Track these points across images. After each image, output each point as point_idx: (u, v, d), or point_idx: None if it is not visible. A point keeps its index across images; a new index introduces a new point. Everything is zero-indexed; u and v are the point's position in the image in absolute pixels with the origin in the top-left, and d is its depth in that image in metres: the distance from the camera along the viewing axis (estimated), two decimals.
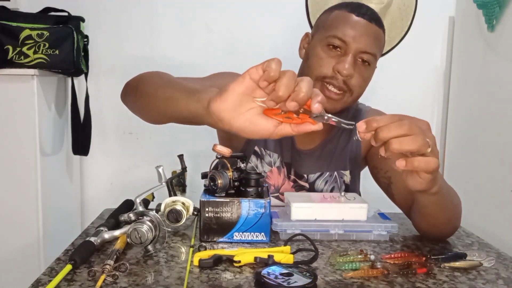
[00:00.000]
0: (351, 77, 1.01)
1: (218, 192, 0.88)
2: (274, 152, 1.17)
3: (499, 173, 1.44)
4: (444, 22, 1.85)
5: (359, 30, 1.01)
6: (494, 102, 1.52)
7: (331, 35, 1.02)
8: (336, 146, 1.17)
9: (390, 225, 0.91)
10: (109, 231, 0.84)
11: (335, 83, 1.02)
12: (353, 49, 1.01)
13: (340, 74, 1.00)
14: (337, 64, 1.01)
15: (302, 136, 1.16)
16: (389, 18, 1.71)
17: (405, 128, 0.66)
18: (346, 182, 1.18)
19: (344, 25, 1.02)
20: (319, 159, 1.17)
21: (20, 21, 1.52)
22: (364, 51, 1.01)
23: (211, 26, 1.84)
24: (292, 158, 1.17)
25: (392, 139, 0.66)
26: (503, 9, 1.45)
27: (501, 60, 1.48)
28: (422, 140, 0.67)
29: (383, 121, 0.66)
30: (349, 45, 1.01)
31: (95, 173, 1.89)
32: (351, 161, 1.18)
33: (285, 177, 1.18)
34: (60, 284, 0.69)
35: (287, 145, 1.17)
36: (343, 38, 1.01)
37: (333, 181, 1.17)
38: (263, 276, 0.69)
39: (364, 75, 1.04)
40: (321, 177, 1.17)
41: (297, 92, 0.60)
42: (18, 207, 1.49)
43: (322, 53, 1.03)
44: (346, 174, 1.18)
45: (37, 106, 1.48)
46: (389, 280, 0.74)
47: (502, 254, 0.88)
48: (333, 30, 1.02)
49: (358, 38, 1.00)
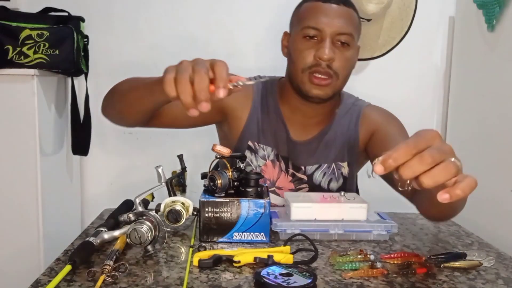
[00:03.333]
0: (333, 60, 1.05)
1: (218, 192, 0.88)
2: (268, 145, 1.18)
3: (499, 173, 1.44)
4: (444, 22, 1.85)
5: (329, 15, 1.06)
6: (494, 102, 1.52)
7: (305, 27, 1.07)
8: (333, 137, 1.18)
9: (390, 225, 0.91)
10: (109, 232, 0.84)
11: (320, 70, 1.05)
12: (328, 34, 1.05)
13: (322, 59, 1.04)
14: (317, 52, 1.05)
15: (296, 128, 1.17)
16: (389, 18, 1.71)
17: (429, 161, 0.56)
18: (344, 174, 1.18)
19: (314, 14, 1.07)
20: (317, 151, 1.17)
21: (20, 21, 1.52)
22: (340, 33, 1.05)
23: (211, 26, 1.84)
24: (289, 150, 1.17)
25: (421, 175, 0.56)
26: (503, 9, 1.44)
27: (501, 60, 1.48)
28: (453, 168, 0.56)
29: (401, 158, 0.56)
30: (324, 31, 1.05)
31: (95, 173, 1.89)
32: (349, 153, 1.18)
33: (281, 170, 1.18)
34: (59, 285, 0.69)
35: (282, 138, 1.18)
36: (317, 26, 1.05)
37: (331, 173, 1.18)
38: (262, 276, 0.69)
39: (346, 55, 1.07)
40: (319, 169, 1.18)
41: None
42: (18, 207, 1.49)
43: (301, 45, 1.08)
44: (344, 166, 1.18)
45: (37, 106, 1.47)
46: (389, 280, 0.74)
47: (502, 254, 0.88)
48: (306, 22, 1.07)
49: (331, 22, 1.05)
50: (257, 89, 1.20)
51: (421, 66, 1.89)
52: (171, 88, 0.70)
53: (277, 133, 1.18)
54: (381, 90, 1.84)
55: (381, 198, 1.24)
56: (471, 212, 1.02)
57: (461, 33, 1.78)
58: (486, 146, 1.54)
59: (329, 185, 1.18)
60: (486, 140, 1.54)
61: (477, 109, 1.60)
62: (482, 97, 1.58)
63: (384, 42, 1.73)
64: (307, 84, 1.08)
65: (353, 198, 0.96)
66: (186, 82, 0.69)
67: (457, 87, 1.81)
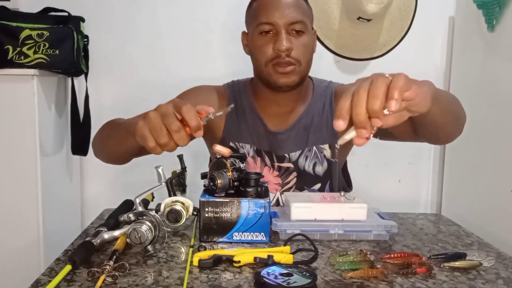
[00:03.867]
0: (292, 49, 1.09)
1: (218, 192, 0.88)
2: (246, 143, 1.20)
3: (499, 173, 1.44)
4: (444, 22, 1.85)
5: (277, 7, 1.10)
6: (494, 102, 1.52)
7: (259, 23, 1.11)
8: (310, 121, 1.20)
9: (390, 225, 0.91)
10: (109, 232, 0.84)
11: (281, 61, 1.10)
12: (282, 26, 1.09)
13: (281, 51, 1.08)
14: (275, 45, 1.09)
15: (273, 120, 1.21)
16: (389, 18, 1.71)
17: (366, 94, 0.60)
18: (327, 157, 1.19)
19: (264, 10, 1.11)
20: (296, 137, 1.20)
21: (20, 21, 1.52)
22: (292, 22, 1.09)
23: (211, 26, 1.84)
24: (270, 143, 1.20)
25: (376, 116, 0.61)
26: (503, 9, 1.44)
27: (501, 60, 1.48)
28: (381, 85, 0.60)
29: (346, 103, 0.61)
30: (276, 24, 1.09)
31: (95, 173, 1.89)
32: (327, 134, 1.20)
33: (265, 165, 1.20)
34: (59, 285, 0.69)
35: (261, 132, 1.20)
36: (269, 21, 1.10)
37: (314, 157, 1.19)
38: (262, 276, 0.69)
39: (303, 42, 1.11)
40: (302, 154, 1.19)
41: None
42: (18, 207, 1.49)
43: (259, 42, 1.12)
44: (326, 148, 1.20)
45: (37, 106, 1.47)
46: (388, 280, 0.74)
47: (502, 254, 0.88)
48: (258, 19, 1.12)
49: (281, 14, 1.09)
50: (229, 94, 1.24)
51: (421, 66, 1.89)
52: (151, 143, 0.76)
53: (255, 128, 1.21)
54: None
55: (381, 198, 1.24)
56: (471, 212, 1.02)
57: (461, 33, 1.78)
58: (486, 146, 1.54)
59: (314, 169, 1.19)
60: (486, 140, 1.54)
61: (477, 109, 1.60)
62: (482, 97, 1.59)
63: (384, 42, 1.73)
64: (273, 75, 1.12)
65: (353, 198, 0.96)
66: (164, 136, 0.74)
67: (457, 87, 1.81)
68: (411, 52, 1.84)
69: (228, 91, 1.25)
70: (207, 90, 1.25)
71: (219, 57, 1.85)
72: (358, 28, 1.69)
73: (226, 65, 1.85)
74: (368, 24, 1.66)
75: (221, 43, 1.84)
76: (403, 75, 0.62)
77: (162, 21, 1.83)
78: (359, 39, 1.72)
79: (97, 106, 1.77)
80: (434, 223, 1.08)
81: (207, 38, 1.84)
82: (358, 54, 1.75)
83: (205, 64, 1.85)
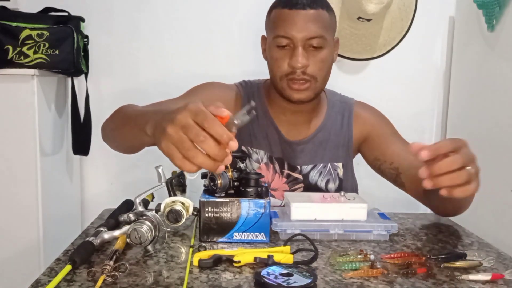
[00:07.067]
0: (307, 66, 1.06)
1: (218, 192, 0.88)
2: (260, 149, 1.18)
3: (499, 173, 1.44)
4: (444, 22, 1.85)
5: (296, 22, 1.05)
6: (494, 102, 1.52)
7: (276, 36, 1.08)
8: (327, 136, 1.19)
9: (390, 225, 0.91)
10: (109, 231, 0.84)
11: (296, 77, 1.07)
12: (299, 41, 1.05)
13: (296, 68, 1.05)
14: (290, 60, 1.06)
15: (287, 128, 1.18)
16: (389, 18, 1.71)
17: (466, 178, 0.72)
18: (339, 175, 1.19)
19: (282, 23, 1.07)
20: (312, 150, 1.18)
21: (20, 21, 1.52)
22: (310, 38, 1.05)
23: (211, 26, 1.84)
24: (284, 151, 1.18)
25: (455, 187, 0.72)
26: (503, 9, 1.44)
27: (501, 60, 1.48)
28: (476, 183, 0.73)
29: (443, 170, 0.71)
30: (294, 39, 1.05)
31: (95, 173, 1.89)
32: (343, 153, 1.20)
33: (276, 172, 1.18)
34: (59, 285, 0.69)
35: (274, 139, 1.18)
36: (286, 35, 1.06)
37: (328, 173, 1.19)
38: (262, 276, 0.69)
39: (321, 57, 1.08)
40: (314, 168, 1.18)
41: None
42: (18, 207, 1.49)
43: (275, 54, 1.09)
44: (339, 166, 1.20)
45: (37, 106, 1.47)
46: (389, 280, 0.74)
47: (502, 254, 0.88)
48: (275, 31, 1.08)
49: (299, 29, 1.04)
50: (243, 94, 1.21)
51: (421, 66, 1.88)
52: (188, 165, 0.65)
53: (269, 135, 1.18)
54: (381, 90, 1.85)
55: (381, 198, 1.24)
56: (471, 212, 1.02)
57: (461, 33, 1.78)
58: (486, 146, 1.54)
59: (327, 185, 1.19)
60: (486, 140, 1.54)
61: (477, 109, 1.60)
62: (482, 97, 1.59)
63: (384, 42, 1.73)
64: (287, 90, 1.10)
65: (353, 198, 0.96)
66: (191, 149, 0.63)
67: (457, 87, 1.81)
68: (411, 52, 1.84)
69: (242, 91, 1.21)
70: (221, 87, 1.20)
71: (219, 57, 1.85)
72: (358, 28, 1.69)
73: (227, 65, 1.84)
74: (368, 24, 1.66)
75: (222, 43, 1.84)
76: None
77: (162, 21, 1.82)
78: (359, 39, 1.72)
79: (97, 106, 1.76)
80: (434, 223, 1.08)
81: (207, 38, 1.84)
82: (358, 54, 1.75)
83: (205, 64, 1.84)
